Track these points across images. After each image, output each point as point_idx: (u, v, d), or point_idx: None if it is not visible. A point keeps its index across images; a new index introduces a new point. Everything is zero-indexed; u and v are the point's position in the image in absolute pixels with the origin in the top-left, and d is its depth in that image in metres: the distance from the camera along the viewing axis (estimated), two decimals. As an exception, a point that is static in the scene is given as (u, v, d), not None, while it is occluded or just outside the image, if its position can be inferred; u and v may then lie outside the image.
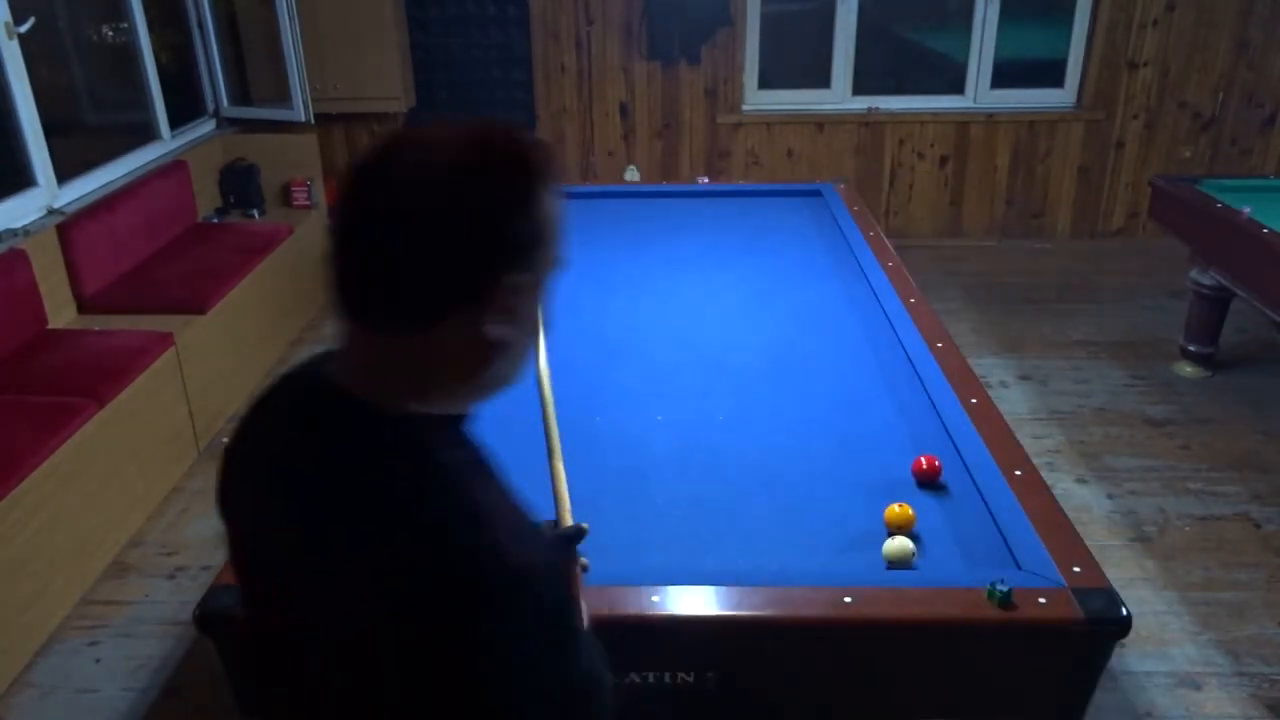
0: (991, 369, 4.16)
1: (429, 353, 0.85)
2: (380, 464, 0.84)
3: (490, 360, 0.87)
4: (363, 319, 0.85)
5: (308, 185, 5.00)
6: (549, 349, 1.66)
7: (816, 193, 3.96)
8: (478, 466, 0.88)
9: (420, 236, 0.80)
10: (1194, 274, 3.97)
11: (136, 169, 4.39)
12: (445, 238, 0.80)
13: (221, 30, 5.11)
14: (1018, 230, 5.74)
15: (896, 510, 1.79)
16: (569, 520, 1.34)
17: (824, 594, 1.56)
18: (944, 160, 5.59)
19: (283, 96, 4.96)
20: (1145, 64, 5.35)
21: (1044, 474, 1.95)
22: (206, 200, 4.86)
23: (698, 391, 2.40)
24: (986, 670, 1.59)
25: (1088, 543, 1.70)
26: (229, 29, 5.17)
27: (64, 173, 3.88)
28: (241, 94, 5.28)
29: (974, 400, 2.21)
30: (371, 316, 0.84)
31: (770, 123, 5.53)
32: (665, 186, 4.47)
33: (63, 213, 3.78)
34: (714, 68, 5.43)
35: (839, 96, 5.58)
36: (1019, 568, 1.65)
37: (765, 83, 5.59)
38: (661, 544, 1.80)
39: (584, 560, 1.17)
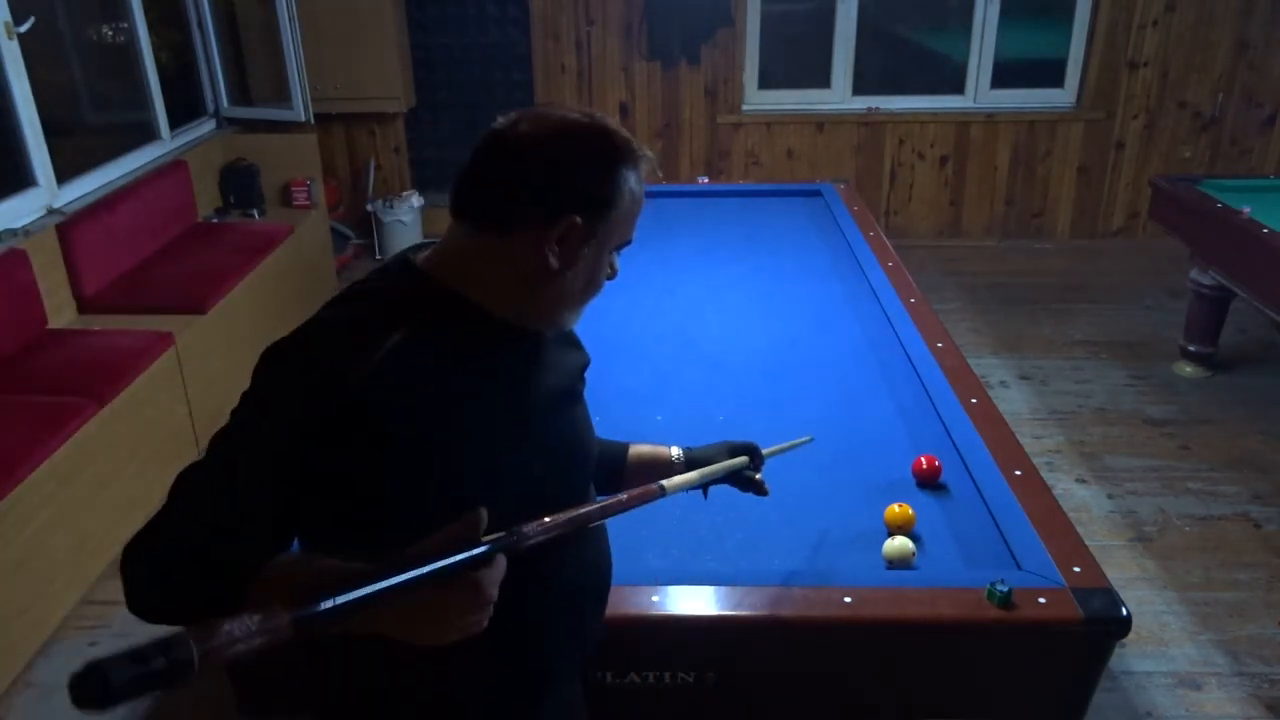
0: (991, 369, 4.16)
1: (496, 253, 1.10)
2: (371, 293, 1.11)
3: (540, 282, 1.11)
4: (460, 215, 1.12)
5: (308, 185, 5.00)
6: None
7: (816, 193, 3.96)
8: (429, 348, 1.06)
9: (516, 166, 1.08)
10: (1194, 274, 3.97)
11: (136, 169, 4.38)
12: (534, 171, 1.07)
13: (221, 30, 5.11)
14: (1018, 230, 5.74)
15: (896, 510, 1.79)
16: None
17: (824, 594, 1.56)
18: (944, 160, 5.59)
19: (283, 96, 4.96)
20: (1145, 64, 5.35)
21: (1044, 474, 1.95)
22: (206, 200, 4.86)
23: (698, 391, 2.40)
24: (986, 670, 1.59)
25: (1088, 543, 1.70)
26: (229, 29, 5.17)
27: (64, 173, 3.88)
28: (241, 94, 5.27)
29: (974, 400, 2.21)
30: (467, 214, 1.12)
31: (770, 123, 5.54)
32: (665, 186, 4.46)
33: (63, 213, 3.78)
34: (714, 68, 5.43)
35: (839, 96, 5.58)
36: (1019, 568, 1.64)
37: (765, 83, 5.60)
38: (661, 544, 1.80)
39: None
